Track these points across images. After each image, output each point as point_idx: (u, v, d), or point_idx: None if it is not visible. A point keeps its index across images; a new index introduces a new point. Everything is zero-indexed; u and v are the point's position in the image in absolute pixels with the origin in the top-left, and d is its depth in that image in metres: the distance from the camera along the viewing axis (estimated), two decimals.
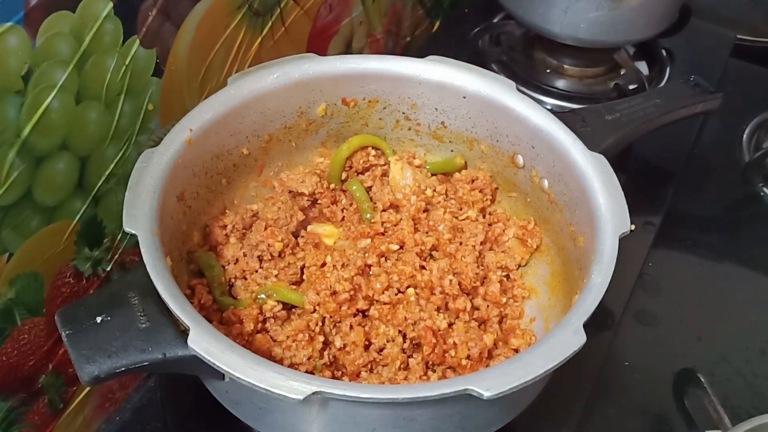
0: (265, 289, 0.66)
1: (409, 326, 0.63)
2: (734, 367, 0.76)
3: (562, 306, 0.67)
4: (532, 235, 0.72)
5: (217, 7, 0.68)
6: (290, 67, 0.70)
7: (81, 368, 0.51)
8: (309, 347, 0.62)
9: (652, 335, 0.78)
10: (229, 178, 0.71)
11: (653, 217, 0.88)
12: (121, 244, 0.67)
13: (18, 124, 0.53)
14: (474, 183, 0.75)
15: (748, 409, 0.72)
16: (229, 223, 0.70)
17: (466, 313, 0.65)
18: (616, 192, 0.63)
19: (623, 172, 0.65)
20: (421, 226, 0.73)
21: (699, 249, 0.88)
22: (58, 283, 0.62)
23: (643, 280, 0.82)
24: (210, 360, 0.50)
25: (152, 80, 0.64)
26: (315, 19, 0.83)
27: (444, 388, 0.50)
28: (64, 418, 0.67)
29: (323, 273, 0.66)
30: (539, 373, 0.51)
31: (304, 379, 0.50)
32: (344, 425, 0.55)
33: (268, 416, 0.57)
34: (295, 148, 0.75)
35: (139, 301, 0.55)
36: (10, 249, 0.56)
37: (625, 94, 0.98)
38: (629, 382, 0.74)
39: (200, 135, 0.65)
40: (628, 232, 0.60)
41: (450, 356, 0.63)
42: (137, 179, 0.60)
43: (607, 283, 0.57)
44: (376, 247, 0.68)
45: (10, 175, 0.53)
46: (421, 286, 0.66)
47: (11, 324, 0.58)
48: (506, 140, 0.72)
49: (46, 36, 0.52)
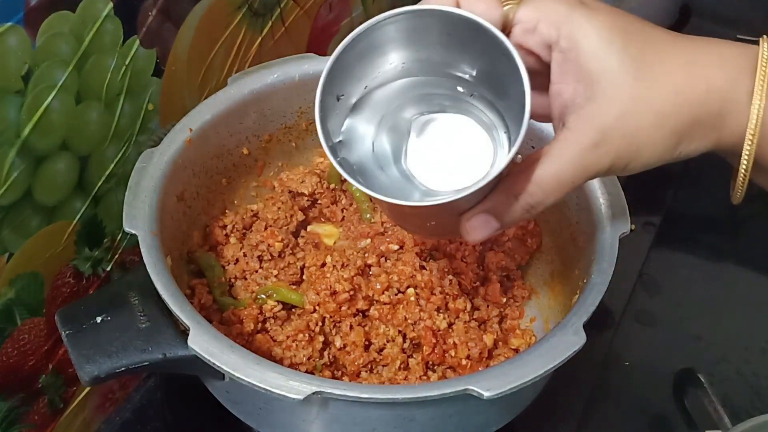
0: (265, 289, 0.66)
1: (409, 326, 0.63)
2: (734, 367, 0.75)
3: (562, 306, 0.67)
4: (532, 235, 0.72)
5: (217, 7, 0.68)
6: (290, 67, 0.70)
7: (81, 368, 0.52)
8: (309, 347, 0.62)
9: (652, 335, 0.78)
10: (229, 178, 0.71)
11: (653, 217, 0.88)
12: (121, 244, 0.67)
13: (18, 124, 0.53)
14: None
15: (748, 409, 0.72)
16: (229, 223, 0.70)
17: (466, 313, 0.65)
18: (616, 192, 0.63)
19: None
20: None
21: (699, 249, 0.88)
22: (58, 283, 0.62)
23: (643, 280, 0.82)
24: (210, 360, 0.50)
25: (152, 80, 0.64)
26: (315, 19, 0.83)
27: (444, 388, 0.50)
28: (64, 418, 0.67)
29: (323, 273, 0.66)
30: (539, 373, 0.51)
31: (304, 379, 0.50)
32: (344, 425, 0.55)
33: (268, 416, 0.57)
34: (295, 148, 0.75)
35: (139, 301, 0.55)
36: (10, 249, 0.56)
37: None
38: (629, 382, 0.74)
39: (200, 135, 0.65)
40: (628, 232, 0.60)
41: (450, 356, 0.63)
42: (137, 179, 0.60)
43: (607, 283, 0.57)
44: (376, 247, 0.68)
45: (10, 175, 0.53)
46: (421, 286, 0.66)
47: (11, 324, 0.58)
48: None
49: (46, 36, 0.52)
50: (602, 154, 0.47)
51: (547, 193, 0.48)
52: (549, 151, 0.47)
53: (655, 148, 0.48)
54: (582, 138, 0.47)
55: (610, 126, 0.46)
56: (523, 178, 0.47)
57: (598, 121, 0.47)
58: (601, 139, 0.46)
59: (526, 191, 0.47)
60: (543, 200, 0.48)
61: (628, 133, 0.47)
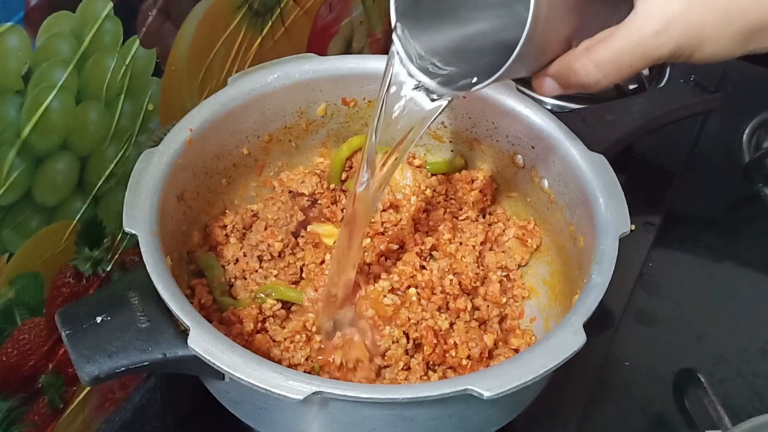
0: (264, 288, 0.66)
1: (411, 326, 0.63)
2: (734, 367, 0.75)
3: (562, 306, 0.67)
4: (532, 235, 0.72)
5: (217, 7, 0.68)
6: (290, 67, 0.70)
7: (81, 368, 0.51)
8: (307, 347, 0.62)
9: (652, 335, 0.78)
10: (229, 178, 0.71)
11: (653, 217, 0.88)
12: (121, 244, 0.67)
13: (18, 124, 0.53)
14: (474, 183, 0.75)
15: (748, 409, 0.72)
16: (229, 223, 0.70)
17: (466, 313, 0.65)
18: (616, 192, 0.63)
19: (623, 172, 0.65)
20: (421, 226, 0.73)
21: (699, 249, 0.88)
22: (58, 283, 0.62)
23: (643, 280, 0.82)
24: (210, 360, 0.50)
25: (152, 80, 0.64)
26: (315, 19, 0.83)
27: (444, 388, 0.50)
28: (64, 418, 0.67)
29: (322, 270, 0.66)
30: (539, 373, 0.51)
31: (304, 379, 0.50)
32: (344, 425, 0.55)
33: (268, 416, 0.57)
34: (295, 148, 0.75)
35: (139, 301, 0.55)
36: (10, 249, 0.56)
37: (625, 94, 0.97)
38: (629, 382, 0.74)
39: (200, 135, 0.65)
40: (628, 232, 0.60)
41: (450, 356, 0.63)
42: (137, 179, 0.60)
43: (607, 283, 0.57)
44: (376, 247, 0.68)
45: (10, 175, 0.53)
46: (421, 286, 0.66)
47: (11, 324, 0.58)
48: (506, 140, 0.72)
49: (46, 36, 0.52)
50: (663, 42, 0.49)
51: (604, 74, 0.50)
52: (613, 33, 0.49)
53: (719, 43, 0.50)
54: (646, 24, 0.49)
55: (674, 17, 0.48)
56: (584, 56, 0.50)
57: (663, 10, 0.48)
58: (663, 28, 0.48)
59: (586, 69, 0.50)
60: (600, 80, 0.51)
61: (691, 27, 0.49)
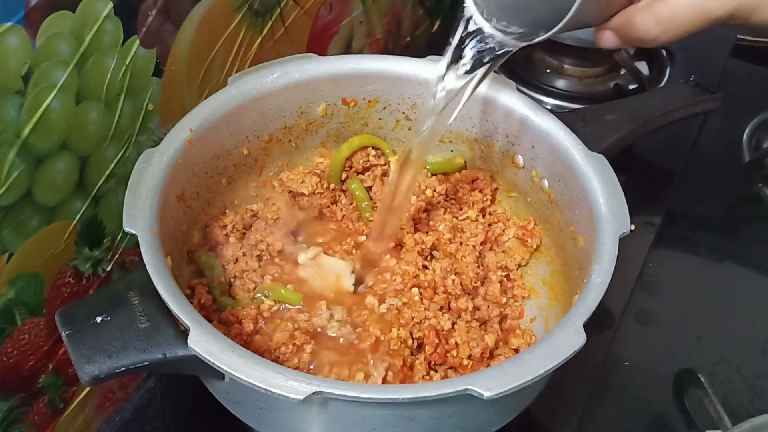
0: (263, 288, 0.66)
1: (415, 326, 0.63)
2: (734, 367, 0.76)
3: (562, 306, 0.67)
4: (532, 235, 0.72)
5: (217, 7, 0.68)
6: (290, 67, 0.70)
7: (81, 368, 0.51)
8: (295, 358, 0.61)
9: (652, 335, 0.78)
10: (229, 178, 0.71)
11: (653, 217, 0.88)
12: (121, 244, 0.67)
13: (18, 124, 0.53)
14: (474, 183, 0.75)
15: (748, 409, 0.72)
16: (229, 223, 0.70)
17: (467, 313, 0.65)
18: (616, 192, 0.63)
19: (623, 172, 0.65)
20: (421, 226, 0.73)
21: (699, 249, 0.88)
22: (58, 283, 0.62)
23: (643, 280, 0.82)
24: (210, 360, 0.50)
25: (152, 80, 0.64)
26: (315, 19, 0.83)
27: (444, 388, 0.50)
28: (64, 418, 0.67)
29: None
30: (539, 373, 0.51)
31: (304, 379, 0.50)
32: (344, 425, 0.55)
33: (268, 416, 0.57)
34: (295, 148, 0.75)
35: (139, 301, 0.55)
36: (10, 249, 0.56)
37: (625, 94, 0.98)
38: (629, 382, 0.74)
39: (200, 135, 0.65)
40: (628, 232, 0.60)
41: (452, 356, 0.63)
42: (137, 179, 0.59)
43: (607, 283, 0.57)
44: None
45: (10, 175, 0.53)
46: (424, 285, 0.66)
47: (11, 324, 0.58)
48: (506, 140, 0.72)
49: (46, 36, 0.52)
50: (724, 2, 0.49)
51: (663, 30, 0.51)
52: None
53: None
54: None
55: None
56: (645, 11, 0.50)
57: None
58: None
59: (645, 24, 0.51)
60: (658, 36, 0.51)
61: None
